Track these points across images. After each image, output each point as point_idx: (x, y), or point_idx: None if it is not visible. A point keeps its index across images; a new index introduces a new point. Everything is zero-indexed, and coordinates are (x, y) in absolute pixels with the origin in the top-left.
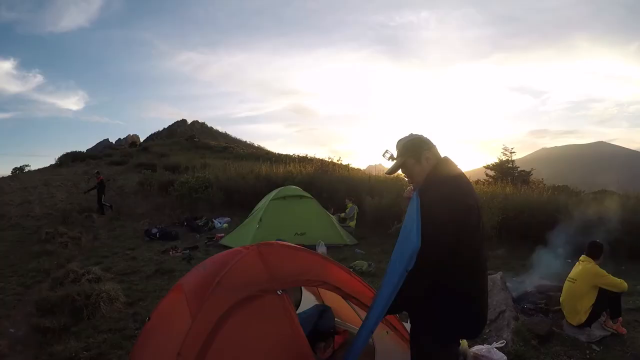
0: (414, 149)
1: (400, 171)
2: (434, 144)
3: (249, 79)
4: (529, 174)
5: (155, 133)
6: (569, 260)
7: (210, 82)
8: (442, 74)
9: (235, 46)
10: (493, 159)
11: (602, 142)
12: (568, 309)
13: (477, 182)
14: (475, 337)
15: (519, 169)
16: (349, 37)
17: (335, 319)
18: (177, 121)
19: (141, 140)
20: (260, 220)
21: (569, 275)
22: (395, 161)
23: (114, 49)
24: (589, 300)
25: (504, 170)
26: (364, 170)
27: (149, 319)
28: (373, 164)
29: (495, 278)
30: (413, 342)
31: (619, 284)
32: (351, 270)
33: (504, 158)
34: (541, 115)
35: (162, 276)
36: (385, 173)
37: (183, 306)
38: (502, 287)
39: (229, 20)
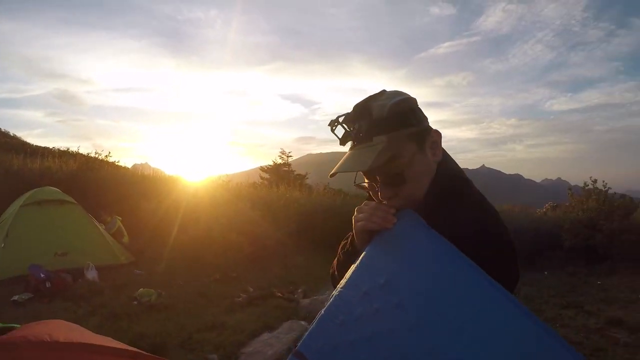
0: (418, 123)
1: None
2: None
3: (13, 53)
4: (304, 177)
5: None
6: None
7: None
8: (219, 75)
9: (1, 12)
10: (265, 162)
11: None
12: None
13: (254, 184)
14: None
15: (295, 172)
16: (131, 24)
17: None
18: None
19: None
20: (7, 235)
21: None
22: (368, 145)
23: None
24: None
25: (280, 173)
26: (130, 169)
27: None
28: (139, 162)
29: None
30: None
31: None
32: (135, 303)
33: (280, 161)
34: (310, 123)
35: None
36: (335, 172)
37: None
38: None
39: None
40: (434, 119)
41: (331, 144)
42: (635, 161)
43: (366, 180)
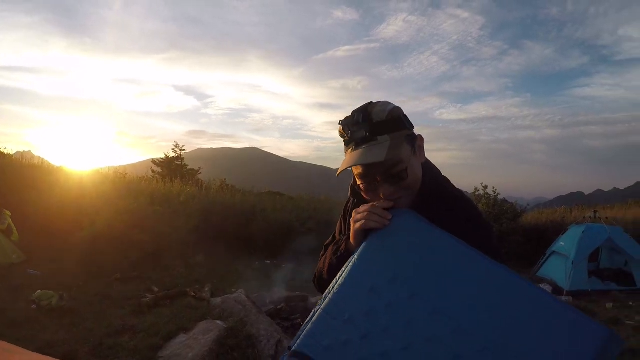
0: (410, 127)
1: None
2: None
3: None
4: (197, 172)
5: None
6: (283, 265)
7: None
8: (112, 60)
9: None
10: (155, 155)
11: (255, 147)
12: None
13: (144, 178)
14: None
15: (188, 167)
16: None
17: None
18: None
19: None
20: None
21: None
22: (374, 144)
23: None
24: None
25: (173, 167)
26: (14, 156)
27: None
28: (22, 150)
29: (240, 298)
30: None
31: None
32: (34, 307)
33: (173, 155)
34: (202, 117)
35: None
36: (347, 167)
37: None
38: (258, 311)
39: None
40: (326, 120)
41: (223, 139)
42: (516, 170)
43: (359, 182)
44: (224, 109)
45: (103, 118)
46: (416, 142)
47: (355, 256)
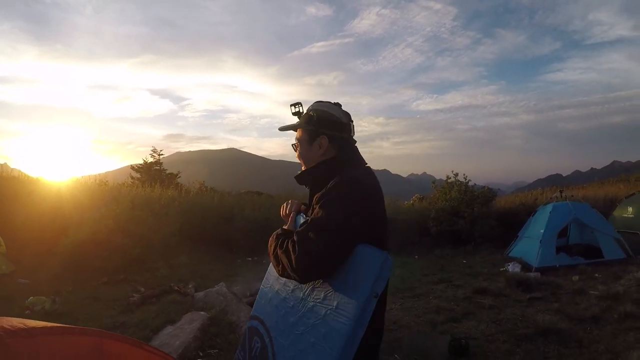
0: (315, 127)
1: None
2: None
3: None
4: (176, 176)
5: None
6: (264, 261)
7: None
8: (86, 67)
9: None
10: (134, 161)
11: (233, 148)
12: None
13: (124, 184)
14: None
15: (167, 171)
16: None
17: None
18: None
19: None
20: None
21: None
22: (294, 122)
23: None
24: None
25: (152, 172)
26: None
27: None
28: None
29: (221, 291)
30: None
31: None
32: (28, 312)
33: (151, 160)
34: (179, 120)
35: None
36: (280, 129)
37: None
38: (237, 300)
39: None
40: None
41: (201, 141)
42: (494, 156)
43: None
44: (201, 111)
45: (79, 126)
46: (318, 139)
47: None
